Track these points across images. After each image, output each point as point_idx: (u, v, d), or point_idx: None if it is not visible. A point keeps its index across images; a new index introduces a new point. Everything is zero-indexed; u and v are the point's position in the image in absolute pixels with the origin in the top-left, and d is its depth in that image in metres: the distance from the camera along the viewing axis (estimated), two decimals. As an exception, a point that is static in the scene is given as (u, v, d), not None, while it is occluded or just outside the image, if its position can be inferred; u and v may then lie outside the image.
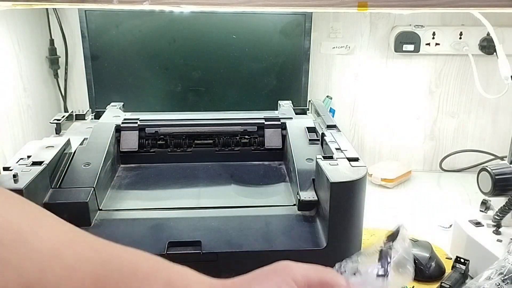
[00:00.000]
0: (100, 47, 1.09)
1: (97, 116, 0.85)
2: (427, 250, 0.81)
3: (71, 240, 0.34)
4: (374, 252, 0.42)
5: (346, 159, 0.61)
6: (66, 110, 1.22)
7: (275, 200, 0.65)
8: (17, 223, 0.32)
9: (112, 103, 0.90)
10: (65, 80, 1.21)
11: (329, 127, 0.75)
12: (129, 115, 0.83)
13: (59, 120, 0.78)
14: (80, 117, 0.85)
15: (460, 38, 1.16)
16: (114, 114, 0.83)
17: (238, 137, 0.78)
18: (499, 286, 0.65)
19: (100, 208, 0.61)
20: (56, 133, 0.77)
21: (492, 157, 1.23)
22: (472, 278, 0.78)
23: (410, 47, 1.16)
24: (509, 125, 1.23)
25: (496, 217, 0.79)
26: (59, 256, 0.32)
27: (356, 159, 0.61)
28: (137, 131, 0.77)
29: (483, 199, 0.84)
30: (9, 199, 0.35)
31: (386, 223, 0.96)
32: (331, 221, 0.55)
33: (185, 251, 0.55)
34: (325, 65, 1.22)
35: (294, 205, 0.62)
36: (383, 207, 1.05)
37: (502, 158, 1.18)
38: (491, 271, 0.67)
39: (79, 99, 1.23)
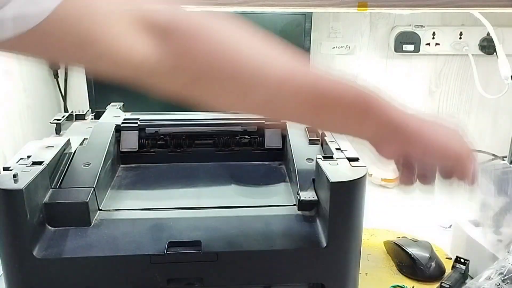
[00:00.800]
0: (100, 47, 1.09)
1: (97, 116, 0.85)
2: (427, 250, 0.81)
3: (295, 72, 0.43)
4: None
5: (346, 159, 0.61)
6: (66, 110, 1.22)
7: (275, 200, 0.65)
8: (256, 55, 0.41)
9: (112, 103, 0.90)
10: (65, 80, 1.21)
11: (329, 127, 0.75)
12: (129, 115, 0.83)
13: (59, 120, 0.78)
14: (80, 117, 0.84)
15: (460, 38, 1.16)
16: (114, 114, 0.83)
17: (238, 137, 0.78)
18: (499, 286, 0.65)
19: (100, 208, 0.61)
20: (56, 133, 0.77)
21: (492, 157, 1.23)
22: (472, 278, 0.78)
23: (410, 47, 1.16)
24: (509, 125, 1.23)
25: (496, 217, 0.79)
26: (285, 84, 0.42)
27: (356, 159, 0.61)
28: (137, 131, 0.77)
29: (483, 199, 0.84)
30: (250, 35, 0.42)
31: (386, 223, 0.97)
32: (331, 221, 0.55)
33: (185, 251, 0.54)
34: (325, 65, 1.22)
35: (294, 205, 0.62)
36: (383, 207, 1.05)
37: (502, 158, 1.18)
38: (491, 271, 0.67)
39: (79, 99, 1.23)
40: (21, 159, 0.60)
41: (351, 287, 0.59)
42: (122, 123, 0.77)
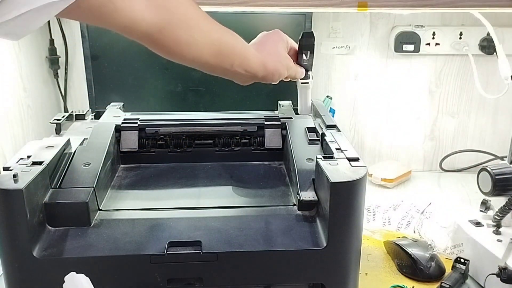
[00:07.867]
0: (100, 47, 1.09)
1: (97, 116, 0.85)
2: (427, 250, 0.81)
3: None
4: None
5: (346, 159, 0.61)
6: (66, 110, 1.22)
7: (275, 200, 0.65)
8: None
9: (112, 103, 0.90)
10: (65, 80, 1.21)
11: (329, 127, 0.75)
12: (129, 115, 0.83)
13: (59, 120, 0.78)
14: (80, 117, 0.84)
15: (460, 38, 1.16)
16: (114, 114, 0.83)
17: (238, 137, 0.78)
18: None
19: (100, 208, 0.61)
20: (56, 133, 0.77)
21: (492, 157, 1.23)
22: (472, 278, 0.78)
23: (410, 47, 1.16)
24: (509, 125, 1.23)
25: (496, 217, 0.79)
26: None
27: (356, 159, 0.61)
28: (137, 131, 0.77)
29: (483, 199, 0.84)
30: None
31: (386, 223, 0.97)
32: (331, 221, 0.55)
33: (185, 251, 0.55)
34: (325, 65, 1.22)
35: (294, 205, 0.62)
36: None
37: (502, 158, 1.18)
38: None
39: (79, 99, 1.23)
40: (21, 159, 0.60)
41: (351, 287, 0.59)
42: (122, 123, 0.77)
